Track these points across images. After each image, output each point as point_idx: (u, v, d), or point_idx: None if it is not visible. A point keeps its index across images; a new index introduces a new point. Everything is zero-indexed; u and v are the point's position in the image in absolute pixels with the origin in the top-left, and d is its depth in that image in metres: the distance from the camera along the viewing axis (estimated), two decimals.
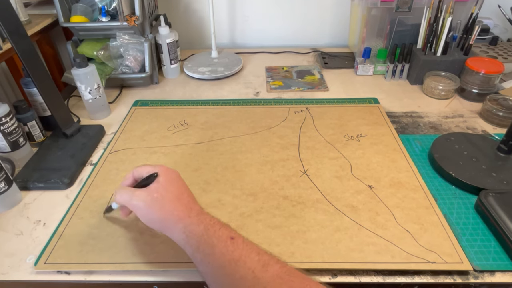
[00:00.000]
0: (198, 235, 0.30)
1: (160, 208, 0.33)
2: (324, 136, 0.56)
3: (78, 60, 0.55)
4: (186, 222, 0.32)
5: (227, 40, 0.90)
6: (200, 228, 0.31)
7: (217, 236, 0.30)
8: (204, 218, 0.32)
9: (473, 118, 0.61)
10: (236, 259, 0.28)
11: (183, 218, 0.32)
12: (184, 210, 0.33)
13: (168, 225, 0.33)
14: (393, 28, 0.72)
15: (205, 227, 0.31)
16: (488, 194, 0.42)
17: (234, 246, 0.29)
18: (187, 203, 0.33)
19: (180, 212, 0.32)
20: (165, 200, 0.33)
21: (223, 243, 0.29)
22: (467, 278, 0.36)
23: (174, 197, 0.33)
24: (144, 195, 0.33)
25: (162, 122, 0.60)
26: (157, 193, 0.33)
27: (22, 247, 0.40)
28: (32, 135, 0.54)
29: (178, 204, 0.33)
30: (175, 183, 0.35)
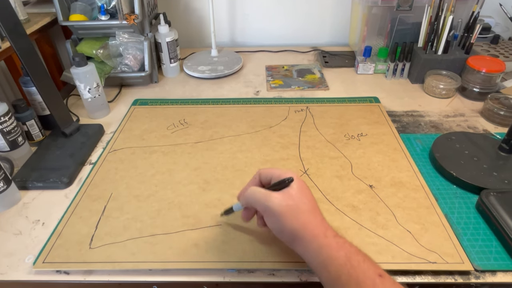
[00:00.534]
0: (339, 263, 0.28)
1: (295, 218, 0.30)
2: (325, 135, 0.56)
3: (77, 59, 0.55)
4: (322, 243, 0.29)
5: (227, 38, 0.90)
6: (340, 255, 0.28)
7: (362, 270, 0.27)
8: (343, 243, 0.29)
9: (474, 117, 0.60)
10: None
11: (318, 236, 0.29)
12: (319, 227, 0.30)
13: (301, 240, 0.30)
14: (394, 27, 0.72)
15: (346, 255, 0.28)
16: (490, 193, 0.42)
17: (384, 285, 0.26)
18: (321, 220, 0.31)
19: (315, 229, 0.30)
20: (300, 210, 0.30)
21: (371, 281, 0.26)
22: (468, 278, 0.36)
23: (308, 209, 0.31)
24: (280, 199, 0.31)
25: (162, 121, 0.60)
26: (293, 201, 0.30)
27: (21, 247, 0.40)
28: (31, 134, 0.54)
29: (312, 219, 0.30)
30: (308, 194, 0.32)
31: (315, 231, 0.30)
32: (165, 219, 0.42)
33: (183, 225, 0.41)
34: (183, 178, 0.48)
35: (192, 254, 0.38)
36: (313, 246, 0.29)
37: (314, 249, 0.29)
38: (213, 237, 0.39)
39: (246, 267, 0.37)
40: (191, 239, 0.39)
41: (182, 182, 0.47)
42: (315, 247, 0.29)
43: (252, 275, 0.36)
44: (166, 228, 0.41)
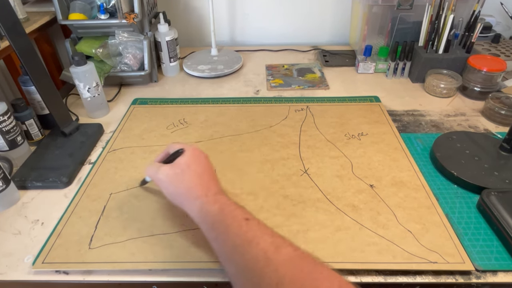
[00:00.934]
0: (213, 213, 0.31)
1: (180, 183, 0.34)
2: (325, 134, 0.55)
3: (77, 58, 0.55)
4: (203, 200, 0.33)
5: (227, 37, 0.90)
6: (215, 207, 0.32)
7: (232, 216, 0.30)
8: (220, 198, 0.33)
9: (475, 117, 0.60)
10: (249, 239, 0.28)
11: (200, 196, 0.33)
12: (202, 189, 0.34)
13: (186, 201, 0.34)
14: (394, 26, 0.71)
15: (221, 206, 0.32)
16: (491, 193, 0.42)
17: (248, 227, 0.29)
18: (206, 182, 0.35)
19: (198, 190, 0.34)
20: (185, 176, 0.35)
21: (237, 223, 0.30)
22: (469, 278, 0.36)
23: (195, 174, 0.35)
24: (167, 170, 0.36)
25: (161, 120, 0.60)
26: (179, 169, 0.35)
27: (20, 247, 0.40)
28: (30, 133, 0.53)
29: (197, 182, 0.34)
30: (199, 162, 0.36)
31: (198, 192, 0.34)
32: (165, 219, 0.42)
33: (183, 225, 0.41)
34: None
35: (192, 254, 0.38)
36: (195, 205, 0.33)
37: (197, 207, 0.33)
38: None
39: None
40: (191, 239, 0.39)
41: None
42: (198, 206, 0.33)
43: None
44: (166, 228, 0.41)
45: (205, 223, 0.32)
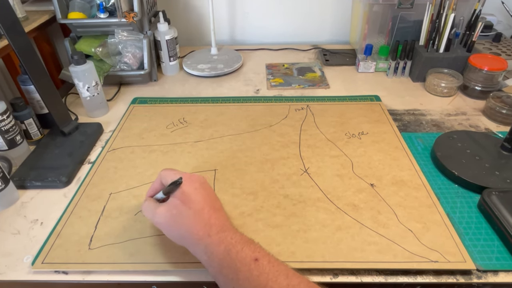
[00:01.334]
0: (219, 257, 0.29)
1: (179, 226, 0.32)
2: (325, 134, 0.55)
3: (76, 57, 0.55)
4: (207, 242, 0.30)
5: (227, 37, 0.89)
6: (221, 249, 0.29)
7: (240, 258, 0.28)
8: (225, 237, 0.30)
9: (476, 116, 0.60)
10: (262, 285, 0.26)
11: (203, 237, 0.31)
12: (203, 228, 0.31)
13: (189, 244, 0.32)
14: (395, 25, 0.71)
15: (226, 247, 0.29)
16: (492, 193, 0.41)
17: (259, 269, 0.27)
18: (207, 220, 0.31)
19: (199, 231, 0.31)
20: (183, 217, 0.32)
21: (246, 266, 0.27)
22: (470, 278, 0.36)
23: (193, 213, 0.32)
24: (164, 212, 0.32)
25: (161, 120, 0.60)
26: (176, 210, 0.32)
27: (19, 247, 0.39)
28: (29, 133, 0.53)
29: (197, 221, 0.31)
30: (195, 195, 0.33)
31: (200, 233, 0.31)
32: None
33: None
34: None
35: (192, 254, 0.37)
36: (200, 248, 0.31)
37: (201, 250, 0.30)
38: None
39: None
40: None
41: None
42: (202, 248, 0.30)
43: None
44: None
45: (212, 267, 0.30)
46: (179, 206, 0.32)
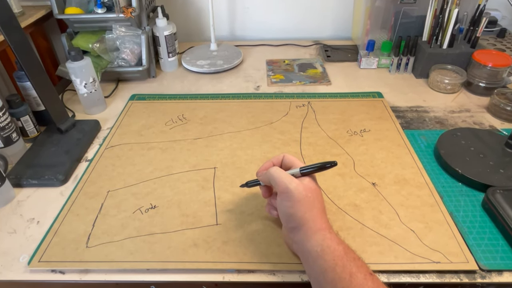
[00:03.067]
0: (336, 254, 0.30)
1: (308, 209, 0.32)
2: (327, 131, 0.54)
3: (73, 53, 0.54)
4: (326, 236, 0.31)
5: (226, 32, 0.88)
6: (340, 248, 0.30)
7: (357, 265, 0.29)
8: (343, 241, 0.31)
9: (480, 113, 0.59)
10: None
11: (324, 229, 0.32)
12: (326, 224, 0.32)
13: (306, 229, 0.32)
14: (397, 20, 0.70)
15: (345, 249, 0.30)
16: (496, 191, 0.41)
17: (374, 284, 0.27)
18: (327, 220, 0.33)
19: (323, 223, 0.32)
20: (314, 204, 0.33)
21: (363, 275, 0.28)
22: (474, 278, 0.35)
23: (320, 207, 0.33)
24: (302, 188, 0.32)
25: (160, 116, 0.59)
26: (312, 194, 0.33)
27: (15, 246, 0.39)
28: (26, 130, 0.53)
29: (322, 216, 0.33)
30: (321, 196, 0.34)
31: (323, 225, 0.32)
32: (164, 217, 0.41)
33: (182, 224, 0.40)
34: (182, 176, 0.47)
35: (191, 254, 0.37)
36: (316, 237, 0.31)
37: (317, 239, 0.31)
38: (212, 237, 0.39)
39: (246, 267, 0.36)
40: (190, 239, 0.39)
41: (181, 180, 0.46)
42: (318, 238, 0.31)
43: (252, 275, 0.36)
44: (165, 227, 0.40)
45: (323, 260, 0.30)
46: (314, 193, 0.33)
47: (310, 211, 0.32)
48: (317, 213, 0.32)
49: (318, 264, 0.30)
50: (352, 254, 0.30)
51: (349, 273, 0.28)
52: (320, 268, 0.30)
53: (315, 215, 0.32)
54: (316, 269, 0.30)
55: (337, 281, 0.28)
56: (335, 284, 0.29)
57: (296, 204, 0.32)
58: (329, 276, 0.29)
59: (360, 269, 0.29)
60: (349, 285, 0.28)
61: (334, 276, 0.29)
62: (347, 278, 0.28)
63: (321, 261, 0.30)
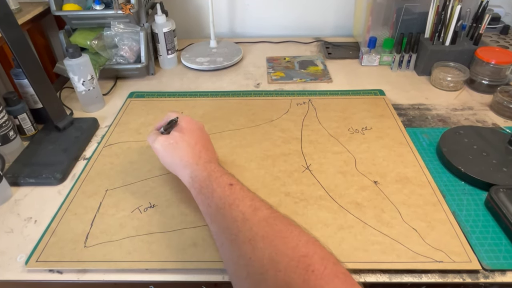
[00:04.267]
0: (201, 179, 0.35)
1: (172, 153, 0.38)
2: (328, 129, 0.54)
3: (71, 50, 0.54)
4: (193, 168, 0.36)
5: (226, 29, 0.88)
6: (204, 174, 0.35)
7: (217, 182, 0.33)
8: (210, 166, 0.36)
9: (483, 111, 0.59)
10: (231, 202, 0.31)
11: (191, 164, 0.37)
12: (193, 157, 0.37)
13: (178, 169, 0.38)
14: (399, 17, 0.69)
15: (209, 173, 0.35)
16: (499, 190, 0.40)
17: (231, 191, 0.32)
18: (198, 152, 0.38)
19: (189, 159, 0.37)
20: (178, 146, 0.38)
21: (221, 188, 0.33)
22: (477, 278, 0.35)
23: (187, 145, 0.38)
24: (163, 140, 0.39)
25: (159, 114, 0.58)
26: (173, 140, 0.38)
27: (12, 245, 0.38)
28: (23, 128, 0.52)
29: (189, 152, 0.37)
30: (191, 132, 0.39)
31: (190, 160, 0.37)
32: (163, 216, 0.41)
33: (181, 223, 0.40)
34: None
35: (191, 254, 0.36)
36: (186, 172, 0.37)
37: (187, 174, 0.36)
38: (212, 236, 0.38)
39: None
40: (190, 238, 0.38)
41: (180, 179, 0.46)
42: (188, 173, 0.36)
43: None
44: (164, 226, 0.40)
45: (194, 189, 0.35)
46: (177, 138, 0.38)
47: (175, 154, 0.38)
48: (184, 152, 0.37)
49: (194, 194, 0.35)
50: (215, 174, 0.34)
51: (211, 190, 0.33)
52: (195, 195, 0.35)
53: (181, 155, 0.37)
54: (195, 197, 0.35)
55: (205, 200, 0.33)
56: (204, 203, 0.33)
57: (163, 154, 0.39)
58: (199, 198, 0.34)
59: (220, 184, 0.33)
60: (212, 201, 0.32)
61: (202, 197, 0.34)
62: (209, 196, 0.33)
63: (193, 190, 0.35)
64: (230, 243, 0.29)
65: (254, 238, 0.27)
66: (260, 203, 0.31)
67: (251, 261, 0.26)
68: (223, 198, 0.31)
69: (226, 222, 0.30)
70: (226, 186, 0.32)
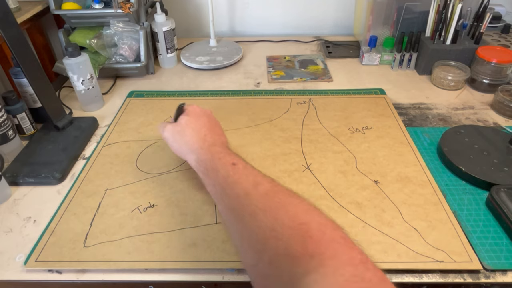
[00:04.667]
0: (206, 162, 0.36)
1: (180, 140, 0.40)
2: (328, 128, 0.54)
3: (70, 49, 0.53)
4: (198, 152, 0.37)
5: (226, 28, 0.87)
6: (208, 157, 0.36)
7: (221, 163, 0.34)
8: (214, 149, 0.36)
9: (484, 110, 0.58)
10: (234, 181, 0.32)
11: (196, 148, 0.38)
12: (198, 142, 0.38)
13: (185, 154, 0.39)
14: (400, 16, 0.69)
15: (212, 155, 0.36)
16: (500, 189, 0.40)
17: (234, 170, 0.33)
18: (203, 136, 0.39)
19: (195, 143, 0.38)
20: (184, 133, 0.40)
21: (225, 168, 0.33)
22: (478, 278, 0.35)
23: (192, 130, 0.39)
24: (171, 128, 0.41)
25: (158, 113, 0.58)
26: (180, 127, 0.40)
27: (11, 245, 0.38)
28: (22, 127, 0.52)
29: (194, 136, 0.39)
30: (197, 118, 0.41)
31: (195, 145, 0.38)
32: (162, 216, 0.41)
33: (181, 223, 0.40)
34: (180, 174, 0.46)
35: (190, 254, 0.36)
36: (192, 156, 0.38)
37: (194, 158, 0.38)
38: (212, 236, 0.38)
39: None
40: (189, 238, 0.38)
41: (180, 178, 0.46)
42: (194, 157, 0.38)
43: None
44: (164, 226, 0.39)
45: (200, 172, 0.37)
46: (183, 125, 0.40)
47: (182, 140, 0.39)
48: (191, 138, 0.39)
49: (200, 175, 0.36)
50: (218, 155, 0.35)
51: (215, 169, 0.34)
52: (202, 176, 0.36)
53: (188, 141, 0.39)
54: (202, 178, 0.36)
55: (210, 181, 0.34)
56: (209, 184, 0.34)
57: (171, 141, 0.41)
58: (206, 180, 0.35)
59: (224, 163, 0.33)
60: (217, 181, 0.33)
61: (208, 179, 0.35)
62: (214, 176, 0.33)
63: (200, 173, 0.37)
64: (235, 219, 0.29)
65: (256, 212, 0.28)
66: (262, 178, 0.31)
67: (254, 234, 0.27)
68: (227, 178, 0.32)
69: (230, 200, 0.31)
70: (229, 166, 0.33)
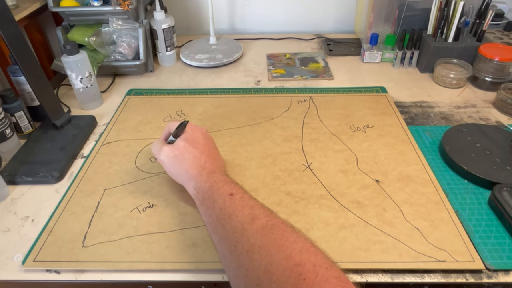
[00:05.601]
0: (204, 191, 0.35)
1: (178, 165, 0.38)
2: (329, 127, 0.53)
3: (69, 46, 0.53)
4: (197, 180, 0.37)
5: (226, 25, 0.87)
6: (206, 185, 0.35)
7: (219, 192, 0.34)
8: (212, 177, 0.36)
9: (486, 108, 0.58)
10: (230, 213, 0.31)
11: (195, 176, 0.37)
12: (197, 169, 0.37)
13: (183, 181, 0.38)
14: (402, 13, 0.68)
15: (211, 184, 0.35)
16: (503, 188, 0.40)
17: (231, 201, 0.32)
18: (203, 163, 0.38)
19: (194, 171, 0.37)
20: (184, 158, 0.38)
21: (222, 199, 0.33)
22: (480, 278, 0.34)
23: (192, 156, 0.38)
24: (168, 152, 0.38)
25: (158, 112, 0.58)
26: (179, 151, 0.38)
27: (9, 245, 0.38)
28: (20, 126, 0.52)
29: (194, 163, 0.37)
30: (195, 143, 0.39)
31: (194, 172, 0.37)
32: (162, 216, 0.40)
33: (181, 223, 0.39)
34: None
35: (190, 254, 0.36)
36: (191, 184, 0.37)
37: (192, 185, 0.37)
38: None
39: None
40: (189, 238, 0.38)
41: None
42: (193, 184, 0.37)
43: None
44: (163, 226, 0.39)
45: (197, 200, 0.36)
46: (182, 149, 0.38)
47: (181, 166, 0.38)
48: (189, 164, 0.37)
49: (197, 204, 0.36)
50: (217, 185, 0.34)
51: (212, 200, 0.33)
52: (199, 206, 0.35)
53: (186, 167, 0.37)
54: (199, 207, 0.36)
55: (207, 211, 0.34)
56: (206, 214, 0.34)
57: (168, 166, 0.39)
58: (202, 209, 0.35)
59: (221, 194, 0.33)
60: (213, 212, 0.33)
61: (204, 208, 0.34)
62: (211, 206, 0.33)
63: (197, 202, 0.36)
64: (230, 253, 0.29)
65: (251, 249, 0.27)
66: (259, 211, 0.30)
67: (248, 272, 0.27)
68: (223, 209, 0.32)
69: (226, 232, 0.30)
70: (227, 197, 0.33)
